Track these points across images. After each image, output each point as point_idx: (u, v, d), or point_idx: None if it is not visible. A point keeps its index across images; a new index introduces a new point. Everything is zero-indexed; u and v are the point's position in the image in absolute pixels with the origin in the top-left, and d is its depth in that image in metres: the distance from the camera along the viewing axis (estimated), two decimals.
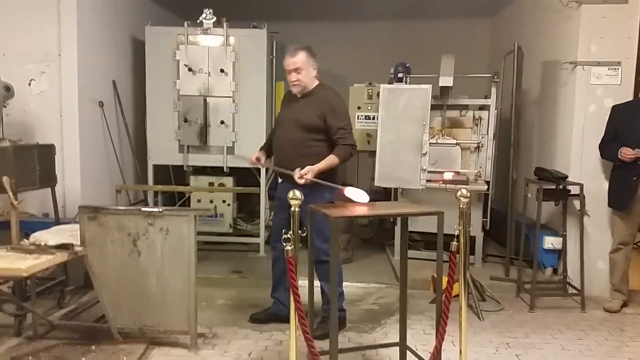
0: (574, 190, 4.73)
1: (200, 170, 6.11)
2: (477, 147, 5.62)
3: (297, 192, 2.79)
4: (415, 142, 5.05)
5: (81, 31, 4.99)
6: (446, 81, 5.32)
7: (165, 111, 5.84)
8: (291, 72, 3.74)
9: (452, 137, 5.65)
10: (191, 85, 5.76)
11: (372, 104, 6.06)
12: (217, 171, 6.00)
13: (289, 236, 2.75)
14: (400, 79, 5.64)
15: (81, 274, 4.39)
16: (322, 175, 3.62)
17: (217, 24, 5.70)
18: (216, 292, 4.73)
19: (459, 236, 2.91)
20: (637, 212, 4.46)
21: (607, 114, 4.66)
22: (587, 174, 4.86)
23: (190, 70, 5.72)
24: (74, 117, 4.99)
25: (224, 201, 6.04)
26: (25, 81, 4.92)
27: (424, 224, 5.28)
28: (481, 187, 5.39)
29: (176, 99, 5.79)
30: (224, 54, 5.72)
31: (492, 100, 5.57)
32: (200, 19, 5.68)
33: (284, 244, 2.74)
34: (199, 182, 6.08)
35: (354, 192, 3.11)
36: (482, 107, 5.72)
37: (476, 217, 5.52)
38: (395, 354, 3.35)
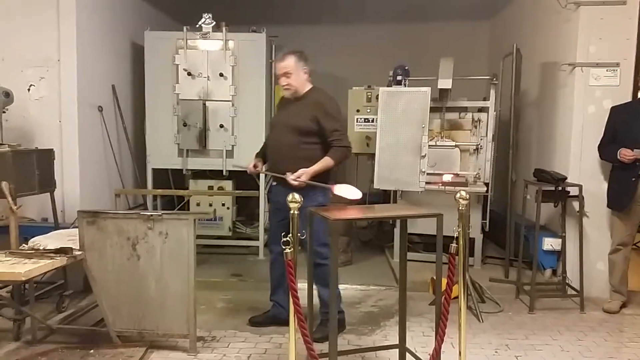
0: (573, 191, 4.72)
1: (199, 174, 6.12)
2: (476, 149, 5.62)
3: (297, 196, 2.79)
4: (414, 144, 5.06)
5: (80, 36, 5.00)
6: (445, 83, 5.34)
7: (164, 115, 5.85)
8: (281, 76, 3.81)
9: (451, 139, 5.66)
10: (190, 89, 5.77)
11: (371, 106, 6.06)
12: (216, 175, 6.01)
13: (289, 239, 2.75)
14: (399, 82, 5.65)
15: (80, 278, 4.38)
16: (316, 177, 3.63)
17: (216, 29, 5.72)
18: (215, 296, 4.73)
19: (458, 238, 2.90)
20: (636, 213, 4.46)
21: (606, 115, 4.66)
22: (586, 175, 4.86)
23: (189, 74, 5.73)
24: (73, 122, 5.00)
25: (223, 204, 6.04)
26: (24, 87, 4.93)
27: (423, 226, 5.28)
28: (480, 188, 5.39)
29: (175, 103, 5.80)
30: (223, 58, 5.74)
31: (491, 102, 5.57)
32: (199, 23, 5.70)
33: (283, 247, 2.75)
34: (198, 185, 6.09)
35: (345, 189, 3.10)
36: (481, 109, 5.73)
37: (475, 218, 5.53)
38: (394, 356, 3.34)
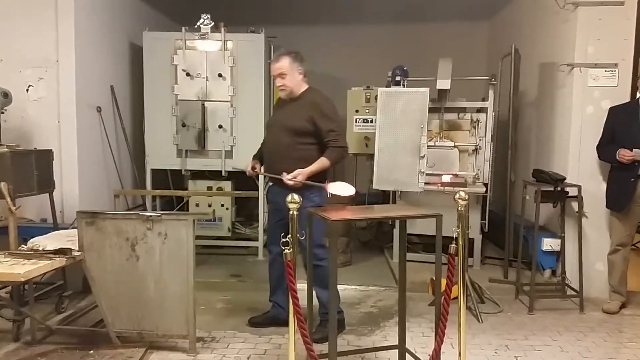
0: (572, 191, 4.73)
1: (198, 174, 6.12)
2: (475, 150, 5.63)
3: (296, 196, 2.79)
4: (413, 144, 5.06)
5: (79, 37, 5.00)
6: (444, 84, 5.34)
7: (163, 116, 5.85)
8: (276, 77, 3.83)
9: (450, 139, 5.66)
10: (189, 90, 5.77)
11: (370, 107, 6.06)
12: (215, 175, 6.00)
13: (288, 240, 2.75)
14: (397, 82, 5.64)
15: (79, 279, 4.39)
16: (313, 178, 3.62)
17: (215, 29, 5.71)
18: (215, 296, 4.73)
19: (457, 238, 2.90)
20: (635, 214, 4.47)
21: (605, 116, 4.66)
22: (585, 176, 4.87)
23: (188, 75, 5.73)
24: (72, 123, 4.99)
25: (222, 205, 6.04)
26: (23, 87, 4.93)
27: (422, 227, 5.28)
28: (479, 189, 5.39)
29: (174, 104, 5.79)
30: (222, 58, 5.73)
31: (489, 102, 5.57)
32: (197, 24, 5.69)
33: (282, 248, 2.75)
34: (197, 186, 6.08)
35: (338, 187, 3.09)
36: (479, 110, 5.74)
37: (474, 219, 5.53)
38: (394, 357, 3.34)
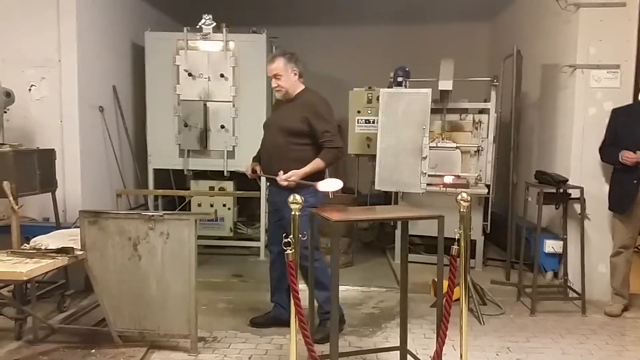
0: (575, 193, 4.72)
1: (200, 174, 6.12)
2: (477, 151, 5.61)
3: (298, 197, 2.78)
4: (415, 145, 5.05)
5: (81, 37, 5.01)
6: (446, 85, 5.34)
7: (165, 116, 5.85)
8: (271, 78, 3.86)
9: (452, 140, 5.65)
10: (191, 90, 5.77)
11: (371, 107, 6.05)
12: (217, 175, 6.01)
13: (290, 240, 2.75)
14: (399, 83, 5.64)
15: (82, 278, 4.39)
16: (308, 179, 3.61)
17: (217, 30, 5.72)
18: (216, 296, 4.73)
19: (459, 240, 2.90)
20: (637, 216, 4.45)
21: (607, 117, 4.66)
22: (588, 177, 4.86)
23: (190, 75, 5.74)
24: (74, 122, 5.00)
25: (224, 205, 6.04)
26: (25, 87, 4.93)
27: (424, 228, 5.28)
28: (481, 190, 5.39)
29: (176, 104, 5.80)
30: (224, 59, 5.74)
31: (491, 103, 5.57)
32: (199, 24, 5.70)
33: (284, 248, 2.75)
34: (199, 186, 6.09)
35: (328, 184, 3.08)
36: (481, 111, 5.73)
37: (476, 220, 5.54)
38: (395, 358, 3.34)
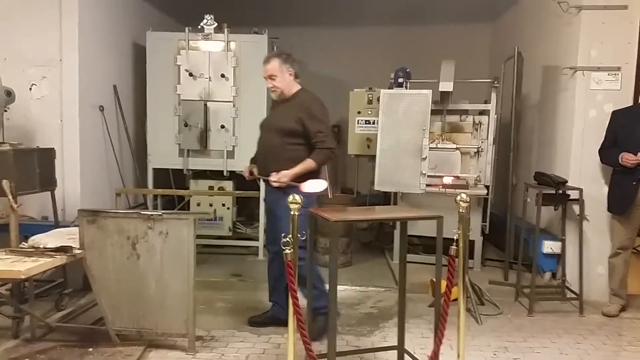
0: (574, 195, 4.73)
1: (200, 174, 6.13)
2: (477, 152, 5.62)
3: (297, 197, 2.79)
4: (415, 146, 5.06)
5: (82, 36, 5.02)
6: (446, 86, 5.34)
7: (165, 115, 5.86)
8: (266, 78, 3.86)
9: (452, 141, 5.66)
10: (192, 90, 5.78)
11: (372, 108, 6.05)
12: (216, 175, 6.02)
13: (289, 239, 2.75)
14: (400, 84, 5.65)
15: (80, 277, 4.39)
16: (301, 179, 3.57)
17: (218, 30, 5.73)
18: (215, 295, 4.73)
19: (458, 240, 2.91)
20: (636, 217, 4.46)
21: (607, 119, 4.66)
22: (587, 179, 4.86)
23: (191, 75, 5.75)
24: (75, 122, 5.01)
25: (223, 205, 6.05)
26: (26, 86, 4.94)
27: (423, 228, 5.29)
28: (481, 191, 5.39)
29: (177, 104, 5.81)
30: (225, 59, 5.75)
31: (492, 105, 5.58)
32: (201, 24, 5.71)
33: (282, 248, 2.75)
34: (198, 185, 6.10)
35: (311, 185, 3.09)
36: (482, 112, 5.73)
37: (475, 221, 5.54)
38: (393, 358, 3.34)
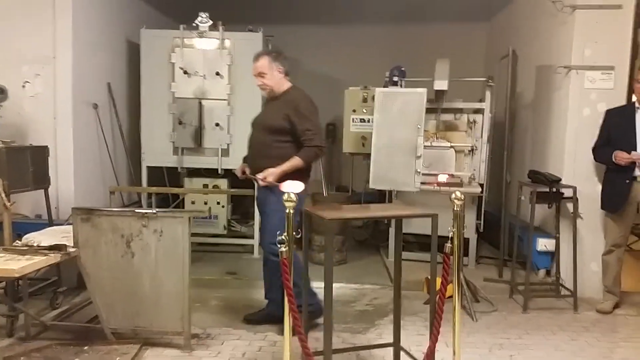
0: (567, 193, 4.75)
1: (194, 172, 6.11)
2: (471, 150, 5.64)
3: (292, 195, 2.78)
4: (409, 145, 5.07)
5: (76, 34, 5.00)
6: (441, 85, 5.36)
7: (159, 113, 5.84)
8: (256, 76, 3.87)
9: (446, 140, 5.67)
10: (186, 87, 5.77)
11: (367, 107, 6.05)
12: (211, 173, 6.00)
13: (284, 238, 2.74)
14: (395, 83, 5.66)
15: (74, 275, 4.37)
16: (289, 176, 3.52)
17: (213, 27, 5.71)
18: (210, 293, 4.72)
19: (452, 238, 2.92)
20: (629, 215, 4.48)
21: (601, 118, 4.68)
22: (581, 177, 4.88)
23: (185, 73, 5.73)
24: (68, 119, 4.99)
25: (218, 203, 6.04)
26: (19, 83, 4.92)
27: (418, 226, 5.29)
28: (475, 189, 5.41)
29: (171, 102, 5.80)
30: (220, 57, 5.74)
31: (486, 103, 5.60)
32: (195, 22, 5.69)
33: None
34: (193, 184, 6.08)
35: (290, 185, 3.11)
36: (476, 111, 5.76)
37: (470, 219, 5.57)
38: (389, 355, 3.35)
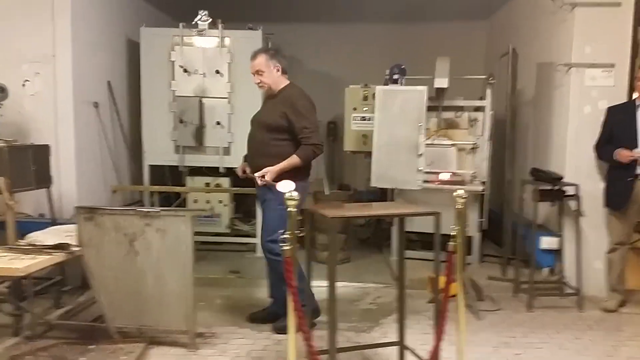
0: (570, 190, 4.74)
1: (196, 170, 6.10)
2: (473, 148, 5.63)
3: (295, 193, 2.77)
4: (411, 143, 5.06)
5: (76, 32, 4.98)
6: (441, 82, 5.35)
7: (160, 112, 5.82)
8: (254, 74, 3.87)
9: (448, 138, 5.67)
10: (186, 86, 5.75)
11: (368, 105, 6.05)
12: (213, 171, 5.99)
13: (287, 236, 2.74)
14: (395, 81, 5.64)
15: (78, 274, 4.35)
16: (287, 175, 3.51)
17: (212, 26, 5.69)
18: (214, 292, 4.71)
19: (456, 236, 2.91)
20: (633, 213, 4.48)
21: (602, 115, 4.67)
22: (583, 175, 4.88)
23: (185, 71, 5.71)
24: (69, 118, 4.97)
25: (220, 201, 6.02)
26: (19, 82, 4.89)
27: (420, 225, 5.28)
28: (477, 187, 5.40)
29: (171, 100, 5.78)
30: (219, 55, 5.72)
31: (487, 101, 5.59)
32: (195, 20, 5.67)
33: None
34: (195, 182, 6.06)
35: (284, 185, 3.12)
36: (477, 109, 5.75)
37: (472, 217, 5.56)
38: (393, 354, 3.35)
